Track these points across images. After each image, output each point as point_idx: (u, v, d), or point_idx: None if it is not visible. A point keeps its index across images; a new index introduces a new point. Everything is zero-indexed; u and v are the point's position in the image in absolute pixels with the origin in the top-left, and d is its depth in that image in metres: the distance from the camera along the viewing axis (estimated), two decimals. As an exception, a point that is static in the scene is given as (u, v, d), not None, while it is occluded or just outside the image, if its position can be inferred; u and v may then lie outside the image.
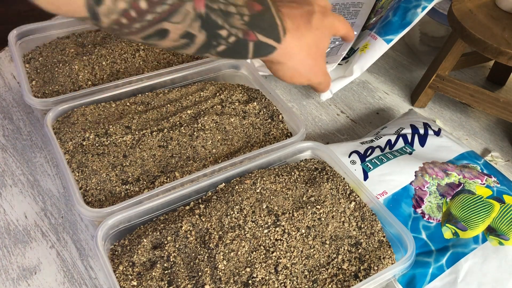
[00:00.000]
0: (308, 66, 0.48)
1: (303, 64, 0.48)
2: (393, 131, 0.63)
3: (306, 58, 0.47)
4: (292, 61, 0.47)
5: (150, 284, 0.45)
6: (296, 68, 0.48)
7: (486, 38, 0.63)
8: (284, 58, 0.46)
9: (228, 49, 0.40)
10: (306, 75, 0.49)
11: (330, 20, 0.49)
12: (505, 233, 0.52)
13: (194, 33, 0.36)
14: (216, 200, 0.52)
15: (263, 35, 0.41)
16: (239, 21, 0.38)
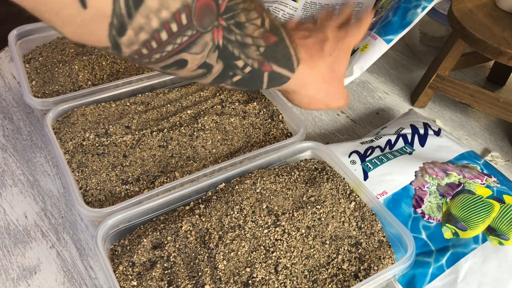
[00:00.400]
0: (324, 92, 0.49)
1: (319, 91, 0.49)
2: (393, 131, 0.63)
3: (321, 85, 0.48)
4: (307, 90, 0.48)
5: (150, 284, 0.45)
6: (312, 96, 0.49)
7: (486, 38, 0.63)
8: (298, 87, 0.47)
9: (243, 79, 0.41)
10: (323, 100, 0.50)
11: (345, 43, 0.50)
12: (505, 233, 0.52)
13: (211, 63, 0.37)
14: (216, 200, 0.52)
15: (278, 65, 0.42)
16: (255, 52, 0.39)
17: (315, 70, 0.47)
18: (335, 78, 0.49)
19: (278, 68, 0.43)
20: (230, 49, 0.37)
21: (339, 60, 0.49)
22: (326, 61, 0.48)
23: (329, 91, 0.50)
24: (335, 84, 0.50)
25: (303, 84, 0.47)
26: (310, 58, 0.47)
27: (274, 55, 0.41)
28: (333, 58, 0.48)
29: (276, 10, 0.85)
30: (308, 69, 0.46)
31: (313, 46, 0.48)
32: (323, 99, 0.50)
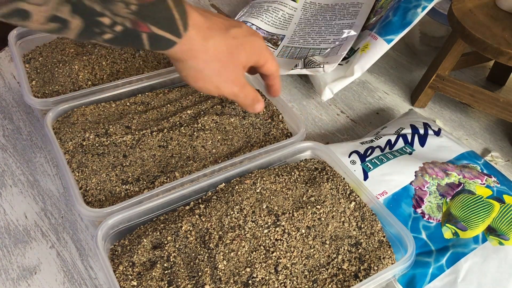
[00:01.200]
0: (215, 71, 0.45)
1: (209, 67, 0.45)
2: (393, 131, 0.63)
3: (213, 61, 0.45)
4: (196, 61, 0.44)
5: (150, 284, 0.45)
6: (200, 69, 0.45)
7: (486, 38, 0.63)
8: (186, 56, 0.44)
9: (116, 38, 0.39)
10: (212, 80, 0.46)
11: (257, 42, 0.47)
12: (505, 233, 0.52)
13: (64, 17, 0.35)
14: (216, 200, 0.52)
15: (157, 27, 0.40)
16: (124, 9, 0.37)
17: (210, 43, 0.44)
18: (232, 62, 0.46)
19: (158, 30, 0.40)
20: (87, 3, 0.35)
21: (242, 48, 0.46)
22: (226, 40, 0.45)
23: (221, 72, 0.46)
24: (231, 68, 0.46)
25: (191, 54, 0.43)
26: (207, 29, 0.43)
27: (151, 15, 0.39)
28: (236, 41, 0.45)
29: (276, 10, 0.85)
30: (200, 39, 0.43)
31: (218, 23, 0.45)
32: (213, 79, 0.46)
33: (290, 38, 0.81)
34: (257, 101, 0.50)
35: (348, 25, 0.78)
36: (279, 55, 0.79)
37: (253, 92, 0.49)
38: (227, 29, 0.45)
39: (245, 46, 0.46)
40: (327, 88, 0.71)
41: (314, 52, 0.76)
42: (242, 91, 0.48)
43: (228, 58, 0.45)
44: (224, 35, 0.45)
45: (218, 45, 0.44)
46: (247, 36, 0.47)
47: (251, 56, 0.47)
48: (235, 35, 0.46)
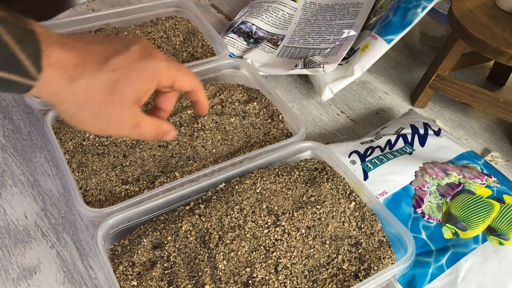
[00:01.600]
0: (92, 113, 0.39)
1: (83, 110, 0.38)
2: (393, 131, 0.63)
3: (86, 103, 0.38)
4: (65, 105, 0.38)
5: (150, 284, 0.45)
6: (73, 114, 0.39)
7: (486, 38, 0.63)
8: (52, 99, 0.38)
9: None
10: (92, 124, 0.39)
11: (150, 65, 0.39)
12: (505, 233, 0.52)
13: None
14: (216, 200, 0.52)
15: None
16: None
17: (78, 84, 0.37)
18: (114, 101, 0.38)
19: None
20: None
21: (126, 80, 0.38)
22: (103, 76, 0.38)
23: (100, 114, 0.39)
24: (114, 108, 0.39)
25: (58, 98, 0.38)
26: (75, 67, 0.37)
27: None
28: (116, 74, 0.38)
29: (276, 10, 0.85)
30: (65, 80, 0.37)
31: (95, 55, 0.38)
32: (92, 123, 0.39)
33: (290, 38, 0.81)
34: (162, 134, 0.43)
35: (348, 25, 0.78)
36: (279, 55, 0.79)
37: (153, 127, 0.42)
38: (106, 60, 0.38)
39: (130, 77, 0.39)
40: (327, 88, 0.71)
41: (314, 52, 0.76)
42: (136, 131, 0.41)
43: (106, 97, 0.38)
44: (99, 70, 0.38)
45: (91, 85, 0.38)
46: (135, 63, 0.39)
47: (142, 85, 0.39)
48: (116, 67, 0.38)
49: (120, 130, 0.40)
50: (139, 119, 0.41)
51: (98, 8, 0.92)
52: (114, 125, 0.40)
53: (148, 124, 0.42)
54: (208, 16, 0.92)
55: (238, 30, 0.82)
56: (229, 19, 0.92)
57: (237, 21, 0.83)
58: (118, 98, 0.39)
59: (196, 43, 0.74)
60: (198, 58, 0.72)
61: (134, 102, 0.40)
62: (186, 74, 0.42)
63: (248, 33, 0.82)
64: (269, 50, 0.79)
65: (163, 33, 0.74)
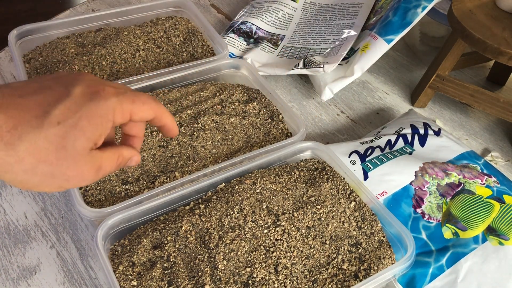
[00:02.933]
0: (46, 175, 0.34)
1: (34, 175, 0.33)
2: (393, 131, 0.63)
3: (36, 167, 0.33)
4: (12, 174, 0.33)
5: (150, 284, 0.45)
6: (23, 180, 0.34)
7: (486, 38, 0.63)
8: None
9: None
10: (49, 184, 0.35)
11: (100, 105, 0.34)
12: (505, 233, 0.52)
13: None
14: (216, 200, 0.52)
15: None
16: None
17: (20, 149, 0.32)
18: (68, 157, 0.34)
19: None
20: None
21: (73, 132, 0.33)
22: (46, 133, 0.32)
23: (56, 173, 0.34)
24: (69, 164, 0.34)
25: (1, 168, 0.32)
26: (11, 130, 0.32)
27: None
28: (62, 128, 0.33)
29: (276, 10, 0.85)
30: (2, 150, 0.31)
31: (32, 109, 0.33)
32: (48, 183, 0.35)
33: (290, 38, 0.81)
34: (123, 163, 0.39)
35: (348, 25, 0.78)
36: (279, 55, 0.79)
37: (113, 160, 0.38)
38: (46, 114, 0.33)
39: (79, 126, 0.34)
40: (327, 88, 0.71)
41: (314, 52, 0.76)
42: (100, 174, 0.37)
43: (57, 155, 0.33)
44: (40, 127, 0.32)
45: (35, 147, 0.32)
46: (80, 108, 0.34)
47: (95, 131, 0.35)
48: (59, 119, 0.33)
49: (82, 181, 0.36)
50: (99, 162, 0.36)
51: (98, 8, 0.92)
52: (74, 179, 0.35)
53: (108, 160, 0.37)
54: (208, 16, 0.92)
55: (238, 30, 0.82)
56: (229, 19, 0.92)
57: (237, 21, 0.83)
58: (71, 152, 0.34)
59: (196, 43, 0.74)
60: (198, 58, 0.72)
61: (90, 148, 0.35)
62: (144, 104, 0.37)
63: (248, 33, 0.82)
64: (269, 50, 0.79)
65: (163, 33, 0.74)
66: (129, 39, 0.71)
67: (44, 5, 2.29)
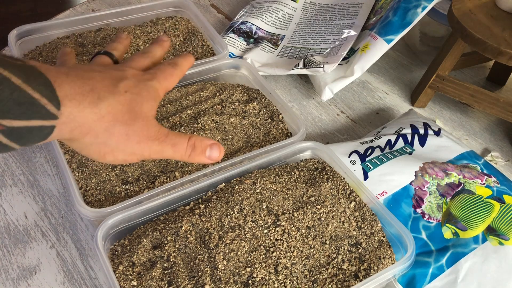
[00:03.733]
0: (122, 135, 0.37)
1: (112, 134, 0.37)
2: (393, 131, 0.63)
3: (114, 127, 0.37)
4: (92, 135, 0.36)
5: (150, 284, 0.45)
6: (102, 142, 0.37)
7: (486, 38, 0.63)
8: (76, 133, 0.36)
9: None
10: (123, 148, 0.38)
11: (148, 84, 0.41)
12: (505, 233, 0.52)
13: None
14: (216, 200, 0.52)
15: (12, 119, 0.31)
16: None
17: (100, 108, 0.36)
18: (138, 118, 0.38)
19: (17, 122, 0.31)
20: None
21: (139, 99, 0.39)
22: (119, 98, 0.37)
23: (130, 134, 0.38)
24: (141, 126, 0.38)
25: (83, 129, 0.36)
26: (90, 92, 0.36)
27: None
28: (130, 95, 0.38)
29: (276, 10, 0.85)
30: (85, 108, 0.35)
31: (101, 81, 0.38)
32: (123, 146, 0.38)
33: (290, 38, 0.81)
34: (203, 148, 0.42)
35: (348, 25, 0.78)
36: (279, 55, 0.79)
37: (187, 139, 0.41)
38: (113, 85, 0.38)
39: (142, 95, 0.40)
40: (327, 88, 0.71)
41: (314, 52, 0.76)
42: (167, 142, 0.40)
43: (129, 116, 0.38)
44: (113, 92, 0.38)
45: (112, 107, 0.37)
46: (139, 83, 0.40)
47: (154, 99, 0.41)
48: (126, 88, 0.39)
49: (152, 145, 0.39)
50: (167, 131, 0.41)
51: (98, 8, 0.92)
52: (146, 141, 0.39)
53: (176, 134, 0.41)
54: (208, 16, 0.92)
55: (238, 30, 0.82)
56: (229, 19, 0.92)
57: (237, 21, 0.83)
58: (140, 114, 0.39)
59: (196, 43, 0.74)
60: (198, 58, 0.72)
61: (153, 117, 0.40)
62: (171, 77, 0.45)
63: (248, 33, 0.82)
64: (269, 50, 0.79)
65: (163, 33, 0.74)
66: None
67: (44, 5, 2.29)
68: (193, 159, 0.42)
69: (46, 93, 0.32)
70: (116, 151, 0.38)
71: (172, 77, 0.45)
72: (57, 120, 0.34)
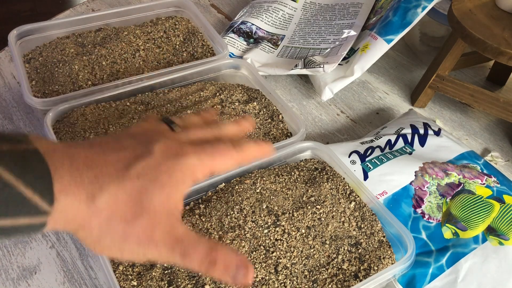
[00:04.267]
0: (119, 234, 0.31)
1: (108, 231, 0.31)
2: (393, 131, 0.63)
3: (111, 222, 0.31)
4: (86, 230, 0.31)
5: (150, 284, 0.45)
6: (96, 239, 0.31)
7: (486, 38, 0.63)
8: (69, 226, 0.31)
9: None
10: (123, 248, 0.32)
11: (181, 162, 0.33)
12: (505, 233, 0.52)
13: None
14: (216, 200, 0.52)
15: None
16: None
17: (99, 201, 0.30)
18: (143, 214, 0.31)
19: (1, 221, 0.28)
20: None
21: (152, 186, 0.32)
22: (127, 186, 0.31)
23: (128, 233, 0.31)
24: (144, 224, 0.31)
25: (75, 223, 0.31)
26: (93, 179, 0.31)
27: None
28: (143, 182, 0.32)
29: (276, 10, 0.85)
30: (81, 202, 0.30)
31: (115, 163, 0.32)
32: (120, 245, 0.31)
33: (290, 38, 0.81)
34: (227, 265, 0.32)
35: (348, 25, 0.78)
36: (279, 55, 0.79)
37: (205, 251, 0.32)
38: (126, 168, 0.32)
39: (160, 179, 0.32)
40: (327, 88, 0.71)
41: (314, 52, 0.76)
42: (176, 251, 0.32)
43: (135, 209, 0.31)
44: (121, 180, 0.31)
45: (114, 199, 0.31)
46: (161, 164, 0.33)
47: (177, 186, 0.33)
48: (140, 172, 0.32)
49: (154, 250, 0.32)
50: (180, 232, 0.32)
51: (98, 8, 0.92)
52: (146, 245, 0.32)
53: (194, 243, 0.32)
54: (208, 16, 0.92)
55: (238, 30, 0.82)
56: (229, 19, 0.92)
57: (237, 21, 0.83)
58: (148, 208, 0.31)
59: (196, 43, 0.74)
60: (198, 58, 0.72)
61: (168, 212, 0.32)
62: (223, 156, 0.35)
63: (248, 33, 0.82)
64: (269, 50, 0.79)
65: (163, 33, 0.74)
66: (129, 39, 0.71)
67: (44, 5, 2.29)
68: (212, 275, 0.32)
69: (40, 188, 0.29)
70: (112, 250, 0.32)
71: (224, 158, 0.35)
72: (49, 216, 0.30)
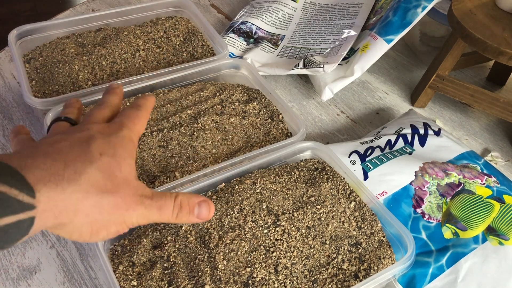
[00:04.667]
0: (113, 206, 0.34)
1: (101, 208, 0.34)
2: (393, 131, 0.63)
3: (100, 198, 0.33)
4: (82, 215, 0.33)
5: (150, 284, 0.45)
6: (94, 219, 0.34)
7: (486, 38, 0.63)
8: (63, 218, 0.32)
9: None
10: (117, 218, 0.35)
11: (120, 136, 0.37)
12: (505, 233, 0.52)
13: None
14: (216, 200, 0.52)
15: None
16: None
17: (81, 183, 0.32)
18: (121, 184, 0.35)
19: None
20: None
21: (116, 161, 0.35)
22: (97, 164, 0.34)
23: (119, 202, 0.34)
24: (126, 191, 0.35)
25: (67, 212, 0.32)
26: (64, 168, 0.32)
27: None
28: (106, 158, 0.35)
29: (276, 10, 0.85)
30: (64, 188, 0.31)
31: (70, 150, 0.34)
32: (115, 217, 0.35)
33: (290, 38, 0.81)
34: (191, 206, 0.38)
35: (348, 25, 0.78)
36: (279, 55, 0.79)
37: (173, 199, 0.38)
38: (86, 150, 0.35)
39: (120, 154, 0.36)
40: (327, 88, 0.71)
41: (314, 52, 0.76)
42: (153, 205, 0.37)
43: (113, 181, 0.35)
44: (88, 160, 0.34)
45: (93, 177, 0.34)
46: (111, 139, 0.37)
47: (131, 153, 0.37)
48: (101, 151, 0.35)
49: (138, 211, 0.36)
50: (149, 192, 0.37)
51: (98, 8, 0.92)
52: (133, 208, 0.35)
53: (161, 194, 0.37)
54: (208, 16, 0.92)
55: (238, 30, 0.82)
56: (229, 19, 0.92)
57: (237, 21, 0.83)
58: (122, 178, 0.35)
59: (196, 43, 0.74)
60: (198, 58, 0.72)
61: (135, 177, 0.37)
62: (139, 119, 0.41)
63: (248, 33, 0.82)
64: (269, 50, 0.79)
65: (163, 33, 0.74)
66: (129, 39, 0.71)
67: (44, 5, 2.29)
68: (181, 219, 0.38)
69: (14, 182, 0.29)
70: (108, 224, 0.35)
71: (140, 119, 0.41)
72: (36, 209, 0.30)
